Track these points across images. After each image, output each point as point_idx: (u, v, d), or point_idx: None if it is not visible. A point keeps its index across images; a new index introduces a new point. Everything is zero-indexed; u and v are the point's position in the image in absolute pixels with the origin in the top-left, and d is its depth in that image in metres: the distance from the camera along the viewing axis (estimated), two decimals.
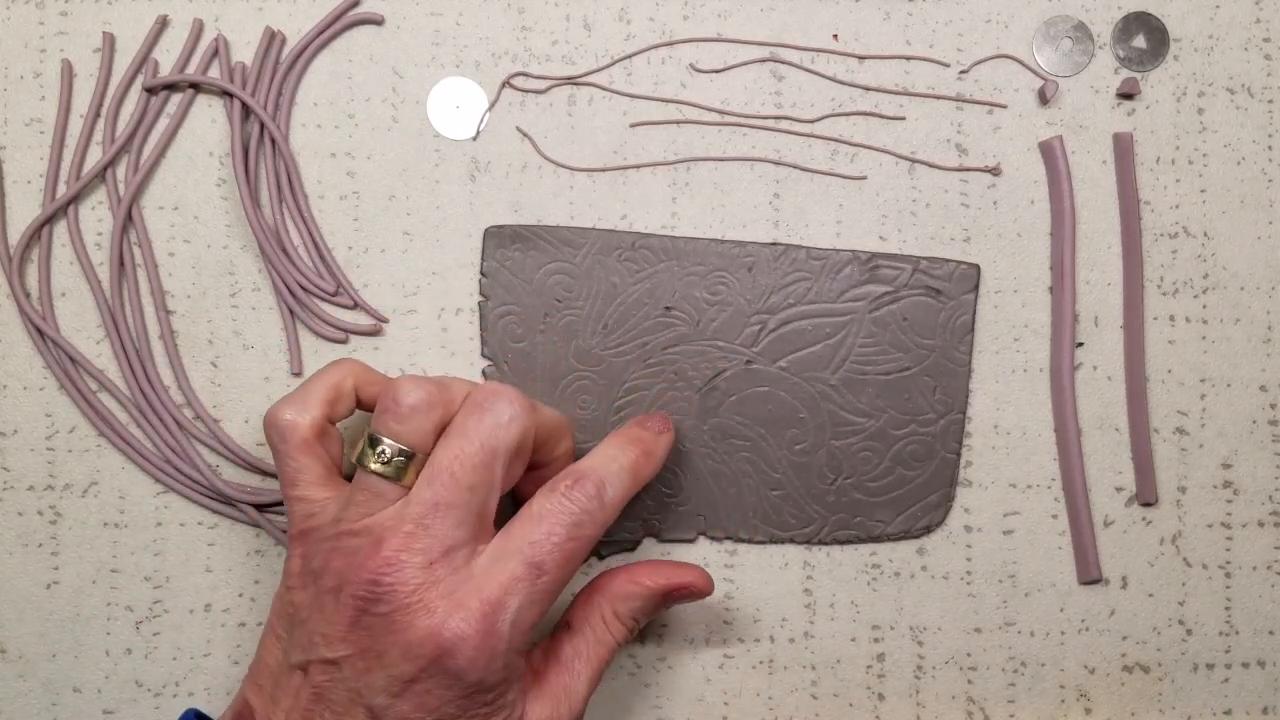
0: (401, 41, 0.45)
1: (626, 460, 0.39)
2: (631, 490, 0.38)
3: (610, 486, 0.37)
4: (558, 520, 0.36)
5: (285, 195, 0.44)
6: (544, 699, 0.38)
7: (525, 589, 0.36)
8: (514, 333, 0.44)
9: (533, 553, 0.36)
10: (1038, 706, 0.44)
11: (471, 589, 0.35)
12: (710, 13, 0.45)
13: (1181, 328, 0.45)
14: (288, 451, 0.38)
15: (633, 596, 0.40)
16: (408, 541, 0.35)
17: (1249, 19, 0.45)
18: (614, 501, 0.38)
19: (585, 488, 0.37)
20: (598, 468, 0.38)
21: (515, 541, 0.36)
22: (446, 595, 0.35)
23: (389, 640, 0.35)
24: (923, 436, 0.44)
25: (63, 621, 0.44)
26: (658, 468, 0.40)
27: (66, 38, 0.45)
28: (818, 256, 0.44)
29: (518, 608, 0.35)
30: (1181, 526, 0.44)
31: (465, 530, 0.36)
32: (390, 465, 0.36)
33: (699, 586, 0.40)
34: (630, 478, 0.38)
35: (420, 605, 0.35)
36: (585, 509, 0.37)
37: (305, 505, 0.37)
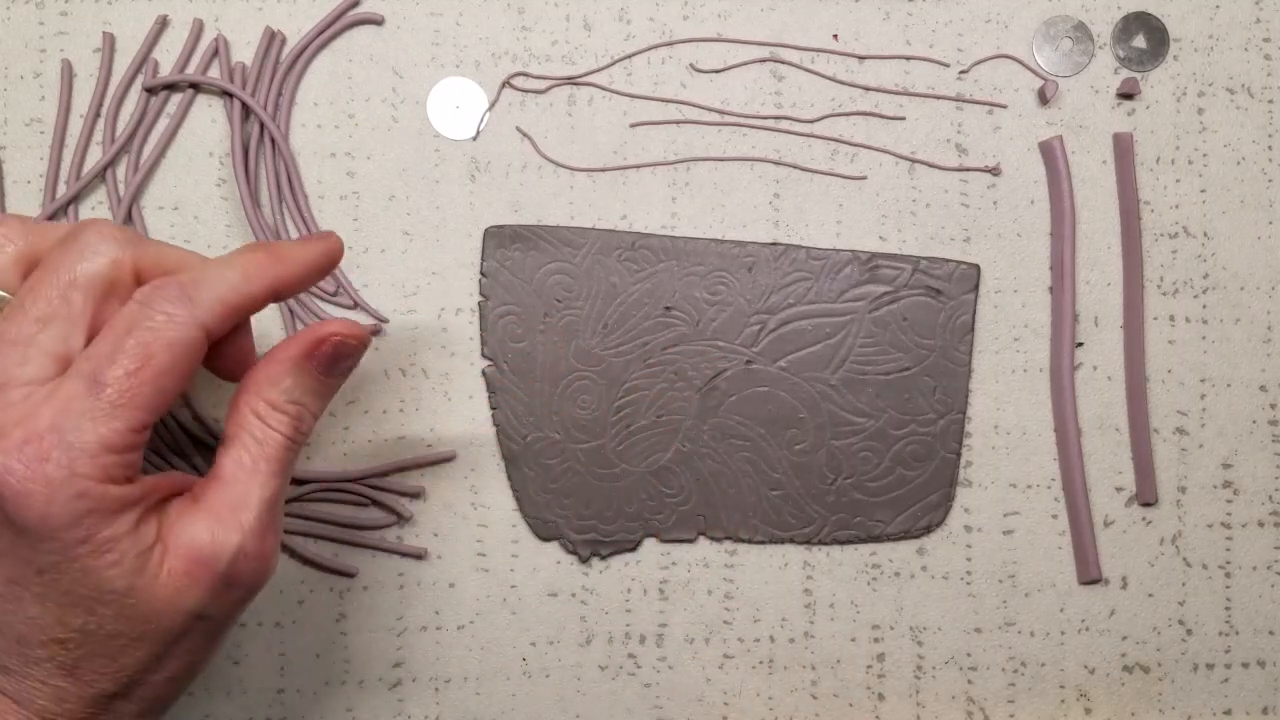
0: (401, 41, 0.45)
1: (240, 260, 0.34)
2: (241, 290, 0.33)
3: (206, 285, 0.32)
4: (127, 329, 0.32)
5: (285, 195, 0.44)
6: (200, 519, 0.33)
7: (83, 406, 0.31)
8: (514, 333, 0.44)
9: (91, 367, 0.31)
10: (1038, 706, 0.44)
11: (14, 419, 0.31)
12: (710, 13, 0.45)
13: (1181, 328, 0.45)
14: None
15: (277, 377, 0.34)
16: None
17: (1249, 19, 0.45)
18: (210, 300, 0.32)
19: (165, 289, 0.32)
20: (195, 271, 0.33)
21: (81, 359, 0.32)
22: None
23: None
24: (923, 436, 0.44)
25: None
26: (290, 275, 0.34)
27: (66, 38, 0.45)
28: (818, 256, 0.44)
29: (77, 427, 0.30)
30: (1181, 526, 0.44)
31: (36, 367, 0.32)
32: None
33: (346, 331, 0.35)
34: (238, 275, 0.33)
35: None
36: (164, 311, 0.32)
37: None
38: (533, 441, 0.44)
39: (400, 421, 0.44)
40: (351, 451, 0.44)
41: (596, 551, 0.44)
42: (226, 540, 0.33)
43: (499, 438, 0.44)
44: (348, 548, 0.44)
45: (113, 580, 0.31)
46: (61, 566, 0.31)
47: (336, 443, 0.44)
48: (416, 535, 0.44)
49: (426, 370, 0.44)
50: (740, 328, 0.44)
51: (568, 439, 0.44)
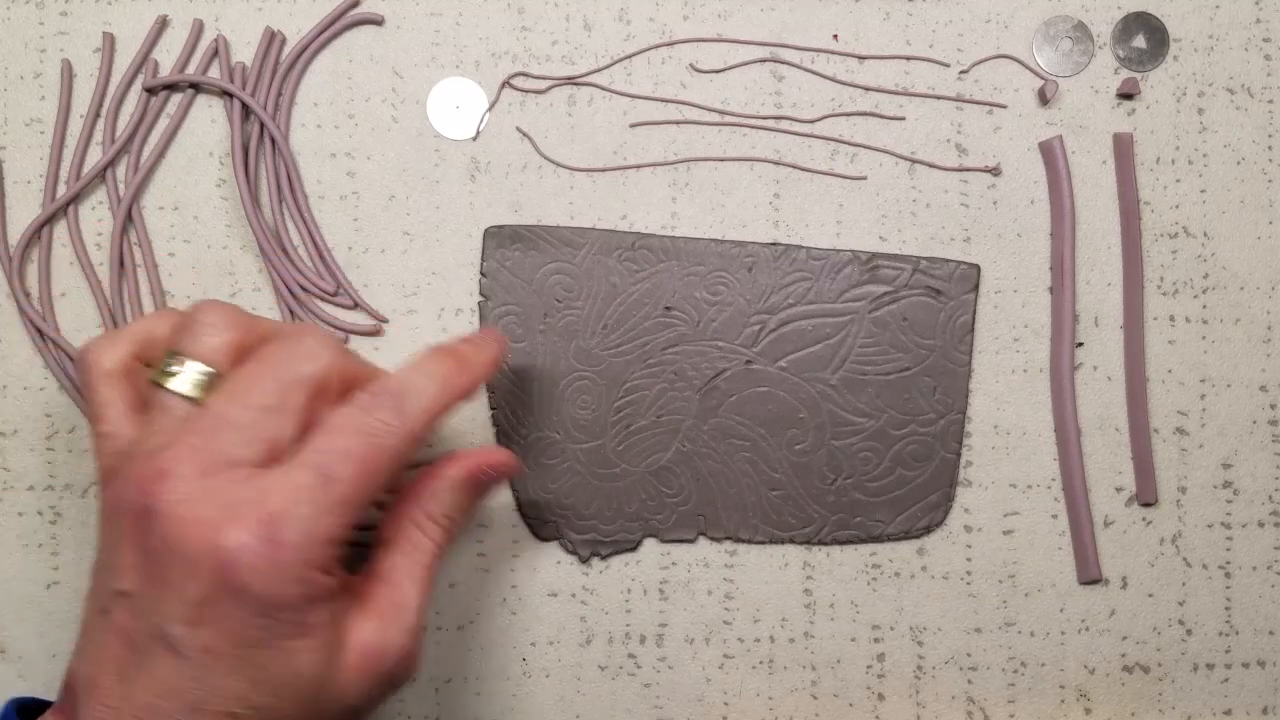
0: (401, 41, 0.45)
1: (436, 370, 0.36)
2: (440, 400, 0.36)
3: (413, 396, 0.35)
4: (356, 434, 0.34)
5: (285, 195, 0.44)
6: (369, 618, 0.35)
7: (313, 496, 0.33)
8: (514, 333, 0.44)
9: (320, 460, 0.33)
10: (1038, 706, 0.44)
11: (251, 501, 0.33)
12: (710, 13, 0.45)
13: (1181, 328, 0.45)
14: (92, 383, 0.36)
15: (438, 492, 0.37)
16: (185, 453, 0.33)
17: (1249, 19, 0.45)
18: (417, 411, 0.35)
19: (381, 398, 0.35)
20: (400, 378, 0.36)
21: (306, 452, 0.34)
22: (225, 506, 0.32)
23: (169, 559, 0.32)
24: (923, 436, 0.44)
25: (63, 621, 0.44)
26: (476, 380, 0.37)
27: (66, 38, 0.45)
28: (818, 256, 0.44)
29: (305, 516, 0.33)
30: (1181, 526, 0.44)
31: (252, 451, 0.34)
32: (186, 383, 0.35)
33: (503, 462, 0.38)
34: (438, 387, 0.36)
35: (195, 518, 0.32)
36: (381, 419, 0.35)
37: (110, 443, 0.35)
38: (533, 441, 0.44)
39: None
40: None
41: (596, 552, 0.44)
42: (392, 640, 0.35)
43: (499, 438, 0.44)
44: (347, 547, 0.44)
45: (306, 666, 0.33)
46: (267, 644, 0.33)
47: None
48: None
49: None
50: (740, 328, 0.44)
51: (568, 439, 0.44)
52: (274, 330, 0.37)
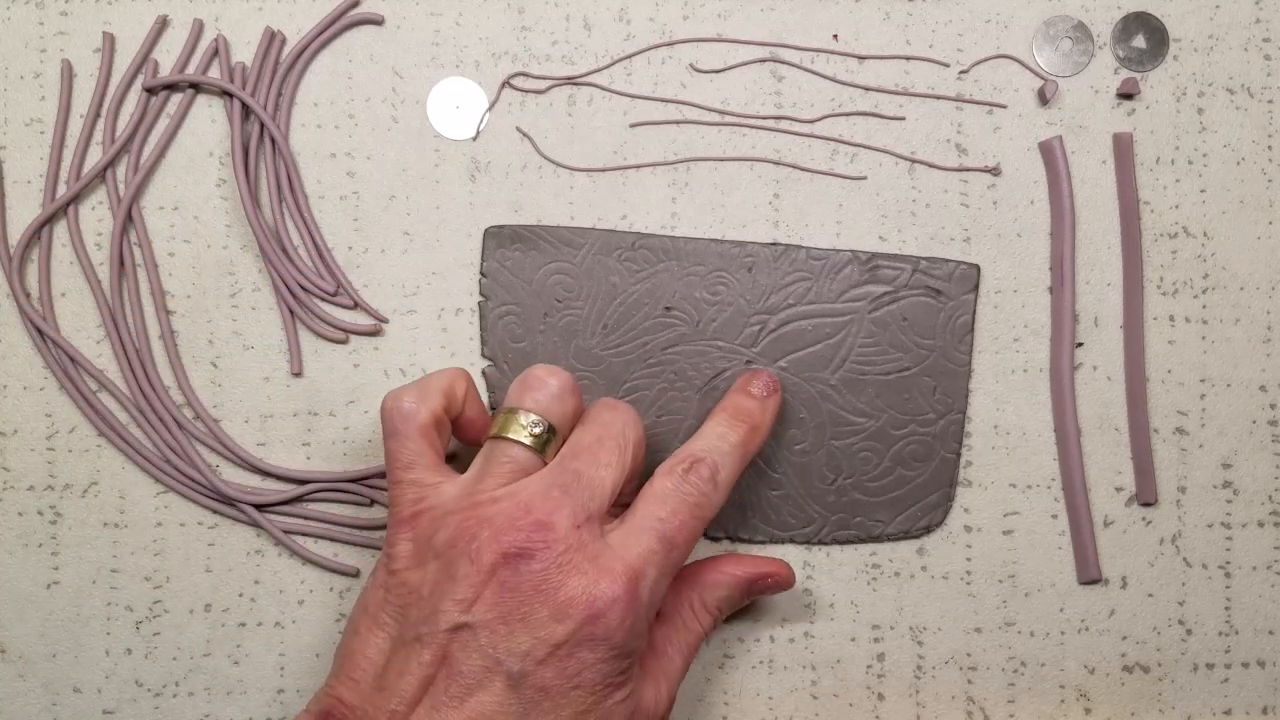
0: (401, 41, 0.45)
1: (735, 438, 0.40)
2: (742, 467, 0.40)
3: (723, 469, 0.39)
4: (680, 501, 0.38)
5: (285, 195, 0.44)
6: (648, 682, 0.39)
7: (659, 560, 0.37)
8: (514, 333, 0.44)
9: (663, 528, 0.37)
10: (1038, 706, 0.44)
11: (615, 555, 0.36)
12: (710, 13, 0.45)
13: (1181, 328, 0.45)
14: (408, 433, 0.38)
15: (719, 585, 0.41)
16: (558, 504, 0.36)
17: (1249, 19, 0.45)
18: (726, 482, 0.39)
19: (700, 471, 0.38)
20: (710, 450, 0.39)
21: (644, 519, 0.37)
22: (593, 559, 0.36)
23: (538, 600, 0.35)
24: (923, 436, 0.44)
25: (63, 621, 0.44)
26: (766, 438, 0.41)
27: (66, 38, 0.45)
28: (818, 256, 0.44)
29: (654, 577, 0.36)
30: (1181, 526, 0.44)
31: (597, 504, 0.37)
32: (535, 439, 0.38)
33: (783, 576, 0.42)
34: (740, 455, 0.40)
35: (571, 565, 0.35)
36: (703, 491, 0.38)
37: (416, 489, 0.38)
38: None
39: None
40: (351, 451, 0.44)
41: None
42: (659, 703, 0.39)
43: None
44: (348, 548, 0.44)
45: (619, 712, 0.36)
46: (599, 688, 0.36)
47: (336, 443, 0.44)
48: None
49: (426, 370, 0.44)
50: (740, 328, 0.44)
51: None
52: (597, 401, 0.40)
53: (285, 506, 0.44)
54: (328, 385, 0.44)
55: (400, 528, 0.37)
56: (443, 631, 0.35)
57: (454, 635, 0.35)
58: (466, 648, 0.35)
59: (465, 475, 0.38)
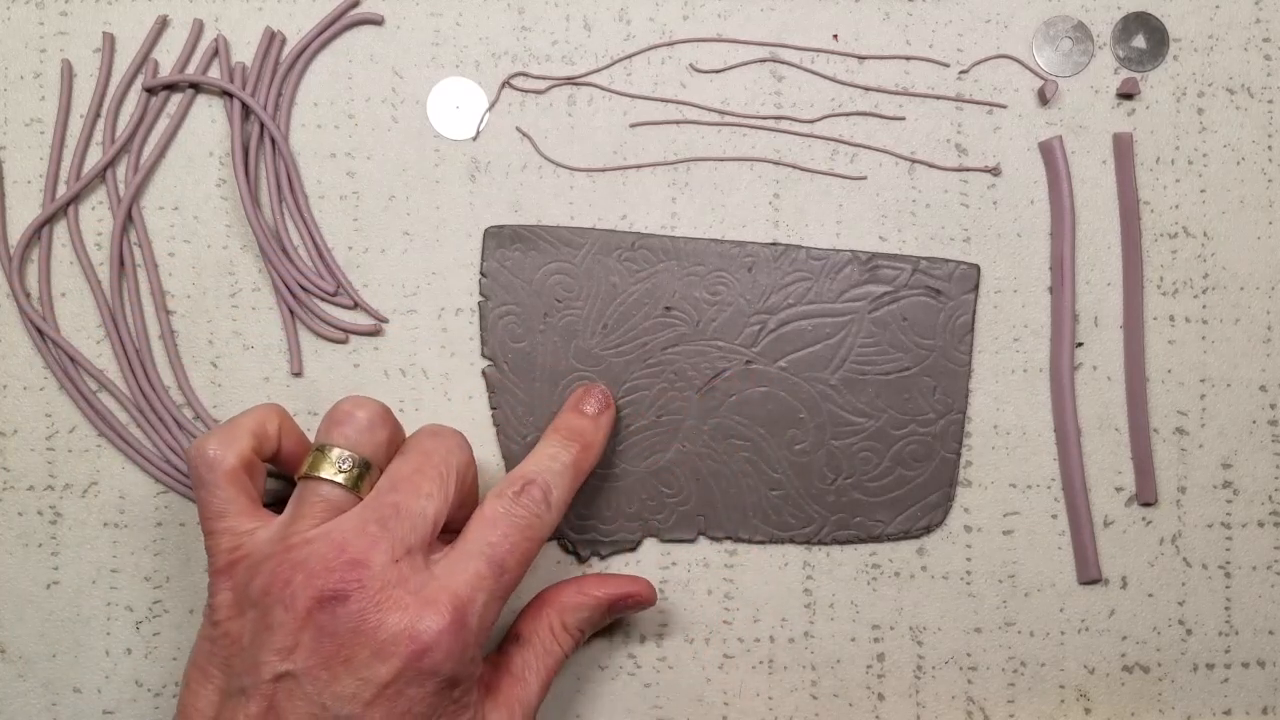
0: (401, 41, 0.45)
1: (567, 458, 0.40)
2: (575, 486, 0.40)
3: (555, 489, 0.39)
4: (511, 525, 0.37)
5: (285, 195, 0.44)
6: (499, 708, 0.38)
7: (489, 586, 0.36)
8: (514, 333, 0.44)
9: (493, 553, 0.37)
10: (1038, 706, 0.44)
11: (439, 586, 0.36)
12: (710, 13, 0.45)
13: (1181, 328, 0.45)
14: (215, 481, 0.37)
15: (580, 607, 0.41)
16: (374, 541, 0.35)
17: (1249, 19, 0.45)
18: (560, 502, 0.39)
19: (532, 493, 0.38)
20: (542, 470, 0.39)
21: (473, 543, 0.37)
22: (415, 592, 0.35)
23: (358, 642, 0.34)
24: (923, 436, 0.44)
25: (63, 621, 0.44)
26: (600, 455, 0.41)
27: (66, 38, 0.45)
28: (818, 256, 0.44)
29: (483, 603, 0.36)
30: (1181, 526, 0.44)
31: (418, 536, 0.36)
32: (347, 475, 0.37)
33: (643, 596, 0.42)
34: (572, 474, 0.40)
35: (391, 602, 0.35)
36: (534, 513, 0.38)
37: (231, 537, 0.37)
38: (533, 441, 0.44)
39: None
40: None
41: (596, 551, 0.44)
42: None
43: (499, 438, 0.44)
44: None
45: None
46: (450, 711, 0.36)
47: None
48: None
49: (426, 370, 0.44)
50: (740, 328, 0.44)
51: None
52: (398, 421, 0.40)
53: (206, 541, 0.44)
54: (328, 385, 0.44)
55: (218, 578, 0.37)
56: (266, 682, 0.35)
57: (278, 685, 0.35)
58: (292, 697, 0.34)
59: (280, 518, 0.37)
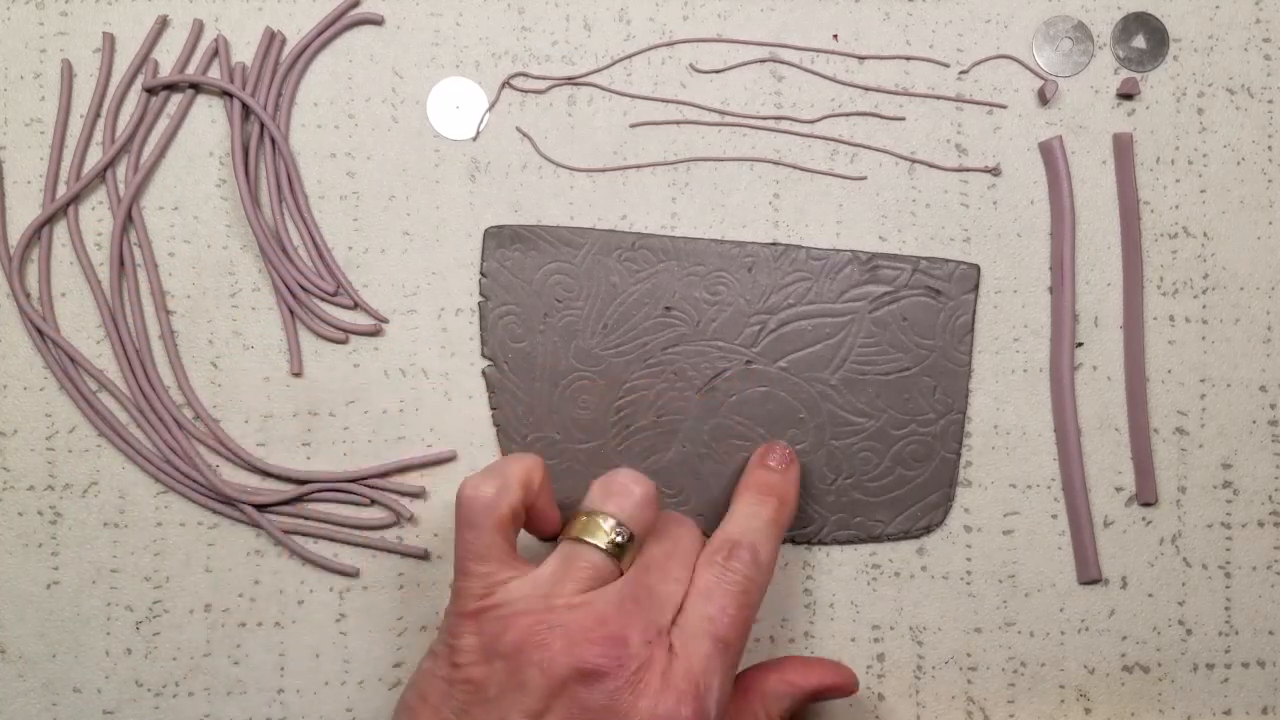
0: (401, 41, 0.45)
1: (767, 514, 0.40)
2: (779, 542, 0.39)
3: (762, 549, 0.38)
4: (727, 594, 0.37)
5: (285, 195, 0.44)
6: None
7: (719, 665, 0.36)
8: (514, 333, 0.44)
9: (714, 629, 0.36)
10: (1038, 706, 0.44)
11: (679, 669, 0.35)
12: (710, 13, 0.45)
13: (1181, 328, 0.45)
14: (486, 525, 0.37)
15: (784, 696, 0.40)
16: (632, 618, 0.35)
17: (1249, 19, 0.45)
18: (768, 561, 0.38)
19: (741, 555, 0.38)
20: (745, 531, 0.39)
21: (694, 620, 0.36)
22: (660, 675, 0.35)
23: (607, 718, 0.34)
24: (923, 436, 0.44)
25: (63, 621, 0.44)
26: (795, 509, 0.41)
27: (66, 38, 0.45)
28: (818, 256, 0.44)
29: (717, 686, 0.36)
30: (1181, 526, 0.44)
31: (667, 619, 0.36)
32: (617, 546, 0.37)
33: (847, 685, 0.41)
34: (775, 530, 0.39)
35: (642, 685, 0.35)
36: (747, 575, 0.37)
37: (485, 582, 0.36)
38: (533, 441, 0.44)
39: (400, 421, 0.44)
40: (351, 451, 0.44)
41: None
42: None
43: (499, 438, 0.44)
44: (348, 548, 0.44)
45: None
46: None
47: (336, 443, 0.44)
48: (417, 535, 0.44)
49: (426, 370, 0.44)
50: (740, 328, 0.44)
51: (568, 439, 0.44)
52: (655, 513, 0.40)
53: (285, 506, 0.44)
54: (328, 385, 0.44)
55: (465, 620, 0.36)
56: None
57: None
58: None
59: (538, 573, 0.37)
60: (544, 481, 0.39)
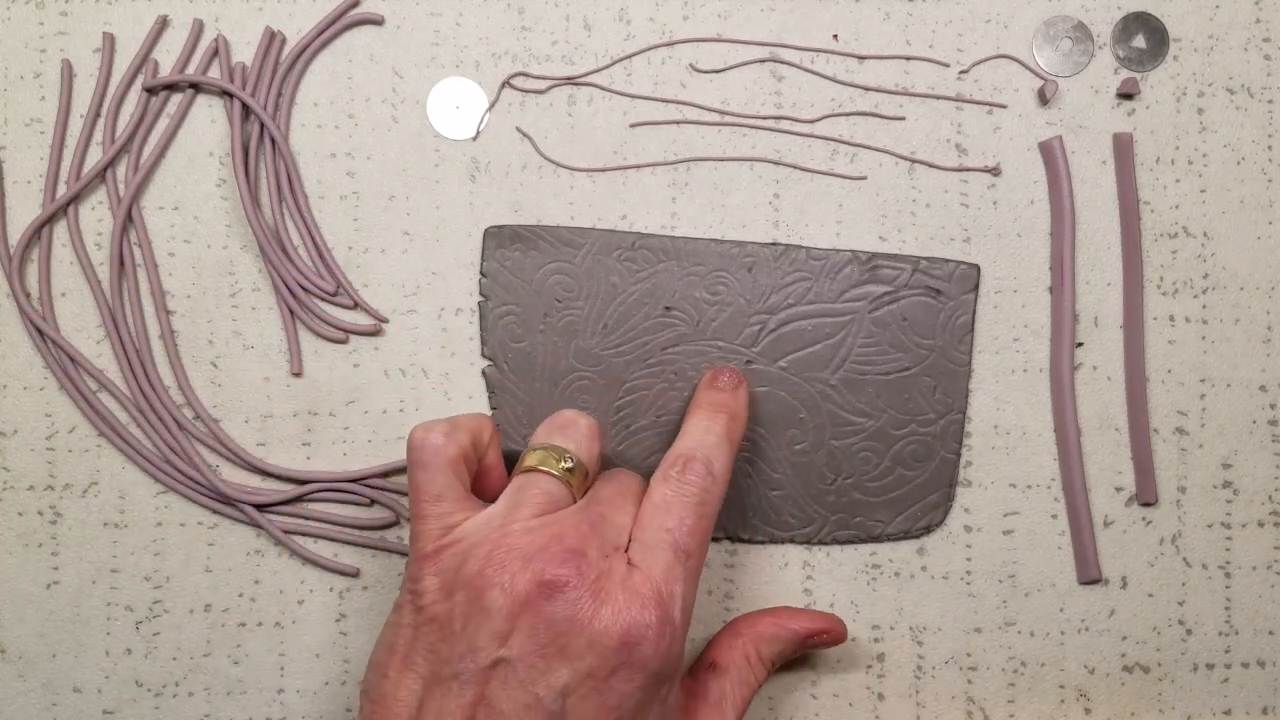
0: (401, 41, 0.45)
1: (719, 429, 0.40)
2: (732, 456, 0.40)
3: (716, 460, 0.39)
4: (685, 505, 0.37)
5: (285, 195, 0.44)
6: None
7: (680, 574, 0.36)
8: (514, 333, 0.44)
9: (673, 539, 0.37)
10: (1038, 706, 0.44)
11: (641, 577, 0.36)
12: (710, 13, 0.45)
13: (1181, 328, 0.45)
14: (437, 465, 0.37)
15: (776, 639, 0.41)
16: (590, 533, 0.36)
17: (1249, 19, 0.45)
18: (722, 473, 0.39)
19: (695, 468, 0.38)
20: (698, 446, 0.39)
21: (653, 532, 0.37)
22: (622, 584, 0.35)
23: (573, 631, 0.34)
24: (923, 436, 0.44)
25: (63, 621, 0.44)
26: (745, 425, 0.41)
27: (66, 38, 0.45)
28: (818, 256, 0.44)
29: (681, 594, 0.36)
30: (1181, 526, 0.44)
31: (621, 540, 0.37)
32: (569, 472, 0.38)
33: (837, 632, 0.42)
34: (728, 444, 0.40)
35: (604, 593, 0.35)
36: (704, 487, 0.38)
37: (442, 522, 0.37)
38: None
39: (400, 421, 0.44)
40: (351, 451, 0.44)
41: None
42: None
43: None
44: (348, 548, 0.44)
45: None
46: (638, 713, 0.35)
47: (336, 443, 0.44)
48: None
49: (426, 370, 0.44)
50: (740, 328, 0.44)
51: None
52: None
53: (285, 506, 0.44)
54: (328, 385, 0.44)
55: (424, 563, 0.36)
56: (481, 669, 0.34)
57: (492, 672, 0.34)
58: (506, 685, 0.34)
59: (493, 508, 0.37)
60: (494, 439, 0.40)
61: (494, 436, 0.40)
